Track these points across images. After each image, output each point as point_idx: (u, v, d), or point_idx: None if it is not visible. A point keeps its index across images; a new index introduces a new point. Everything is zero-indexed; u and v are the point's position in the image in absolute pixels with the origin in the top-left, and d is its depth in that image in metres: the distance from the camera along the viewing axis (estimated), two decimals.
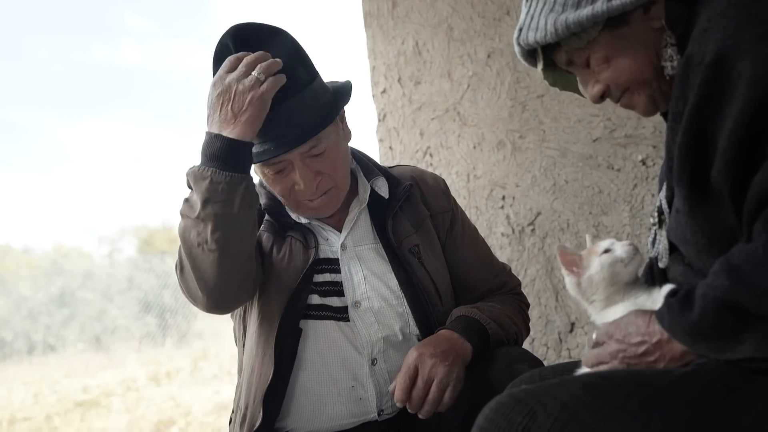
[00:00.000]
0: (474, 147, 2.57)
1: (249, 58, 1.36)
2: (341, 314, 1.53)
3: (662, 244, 1.10)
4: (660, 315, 0.98)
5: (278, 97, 1.37)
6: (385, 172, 1.65)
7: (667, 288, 1.03)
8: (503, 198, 2.51)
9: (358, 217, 1.60)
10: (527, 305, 1.72)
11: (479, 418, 0.97)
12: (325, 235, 1.59)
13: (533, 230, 2.45)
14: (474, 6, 2.54)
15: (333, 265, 1.56)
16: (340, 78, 1.59)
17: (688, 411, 0.87)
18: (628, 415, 0.88)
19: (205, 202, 1.33)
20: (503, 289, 1.69)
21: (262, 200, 1.56)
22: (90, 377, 7.33)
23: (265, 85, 1.35)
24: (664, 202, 1.09)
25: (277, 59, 1.37)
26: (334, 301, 1.53)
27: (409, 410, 1.41)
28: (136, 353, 9.39)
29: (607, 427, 0.87)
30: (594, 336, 1.09)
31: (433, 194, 1.68)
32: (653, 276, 1.15)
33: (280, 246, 1.55)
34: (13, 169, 27.26)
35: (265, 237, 1.56)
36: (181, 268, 1.43)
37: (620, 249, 1.14)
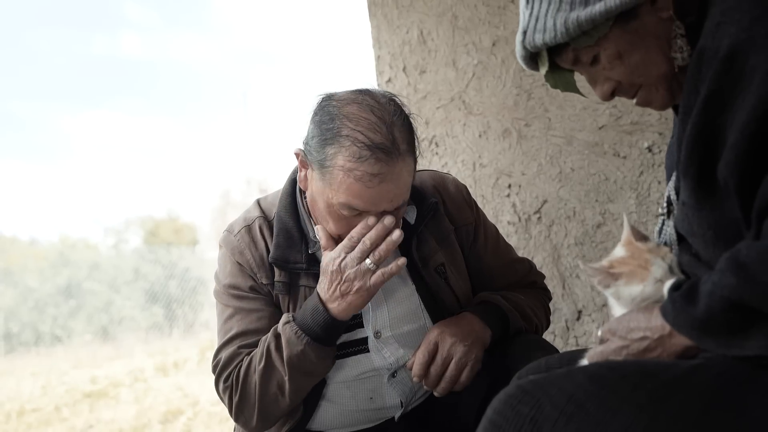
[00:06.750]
0: (479, 135, 2.56)
1: (367, 241, 1.33)
2: (362, 345, 1.51)
3: (670, 234, 1.09)
4: (664, 310, 0.97)
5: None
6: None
7: (669, 282, 1.02)
8: (509, 186, 2.50)
9: None
10: (549, 299, 1.73)
11: (488, 410, 0.96)
12: None
13: (539, 218, 2.45)
14: None
15: None
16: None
17: (696, 403, 0.87)
18: (635, 406, 0.87)
19: (292, 368, 1.40)
20: (531, 287, 1.69)
21: (276, 239, 1.48)
22: (97, 368, 7.37)
23: (373, 279, 1.34)
24: (672, 192, 1.08)
25: (395, 237, 1.32)
26: (356, 334, 1.51)
27: (425, 386, 1.42)
28: (143, 344, 9.45)
29: (613, 419, 0.86)
30: (599, 333, 1.09)
31: (457, 206, 1.62)
32: None
33: (296, 304, 1.50)
34: (18, 161, 27.37)
35: (281, 299, 1.51)
36: (240, 396, 1.45)
37: (666, 286, 1.02)
